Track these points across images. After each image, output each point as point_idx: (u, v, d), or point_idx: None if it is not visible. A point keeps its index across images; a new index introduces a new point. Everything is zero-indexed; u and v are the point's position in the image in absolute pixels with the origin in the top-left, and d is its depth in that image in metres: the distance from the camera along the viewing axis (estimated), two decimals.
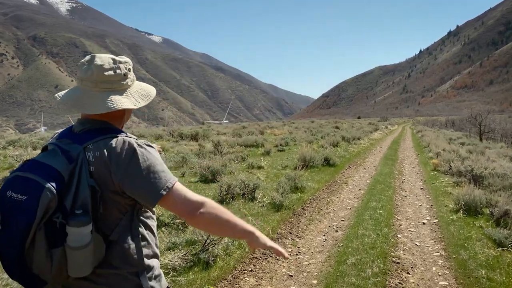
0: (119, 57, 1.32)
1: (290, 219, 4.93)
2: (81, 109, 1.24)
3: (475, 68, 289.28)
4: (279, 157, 10.86)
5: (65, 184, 1.13)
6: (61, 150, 1.18)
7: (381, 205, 5.95)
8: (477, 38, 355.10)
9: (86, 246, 1.11)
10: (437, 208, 6.05)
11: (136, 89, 1.35)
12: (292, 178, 6.48)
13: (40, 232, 1.08)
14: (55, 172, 1.12)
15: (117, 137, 1.22)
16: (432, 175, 9.40)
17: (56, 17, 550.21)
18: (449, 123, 56.49)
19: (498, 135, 31.75)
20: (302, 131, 22.93)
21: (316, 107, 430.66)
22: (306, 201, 5.90)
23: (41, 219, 1.07)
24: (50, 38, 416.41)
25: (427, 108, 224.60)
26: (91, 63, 1.26)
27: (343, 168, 9.70)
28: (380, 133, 27.01)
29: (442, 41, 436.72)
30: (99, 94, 1.24)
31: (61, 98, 1.29)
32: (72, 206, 1.12)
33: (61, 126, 71.46)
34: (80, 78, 1.27)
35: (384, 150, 15.70)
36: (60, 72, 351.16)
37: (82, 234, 1.11)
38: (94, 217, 1.15)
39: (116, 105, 1.23)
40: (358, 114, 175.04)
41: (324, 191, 6.92)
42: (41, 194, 1.07)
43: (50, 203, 1.08)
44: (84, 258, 1.13)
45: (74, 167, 1.16)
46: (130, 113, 1.41)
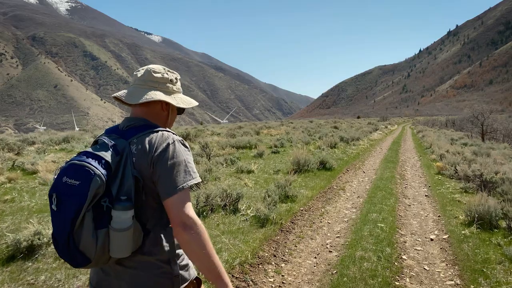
0: (171, 70, 1.53)
1: (276, 237, 4.20)
2: (127, 99, 1.42)
3: (475, 68, 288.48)
4: (273, 159, 10.14)
5: (112, 173, 1.27)
6: (110, 143, 1.32)
7: (382, 217, 5.23)
8: (477, 37, 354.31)
9: (127, 229, 1.23)
10: (445, 220, 5.33)
11: (180, 96, 1.53)
12: (282, 185, 5.75)
13: (88, 213, 1.22)
14: (104, 162, 1.26)
15: (157, 132, 1.36)
16: (437, 180, 8.69)
17: (56, 17, 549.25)
18: (449, 123, 55.83)
19: (500, 135, 31.02)
20: (300, 131, 22.19)
21: (315, 107, 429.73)
22: (297, 213, 5.18)
23: (90, 202, 1.22)
24: (49, 38, 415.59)
25: (427, 107, 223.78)
26: (145, 68, 1.50)
27: (341, 172, 8.98)
28: (379, 133, 26.29)
29: (441, 41, 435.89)
30: (145, 90, 1.44)
31: (119, 93, 1.46)
32: (117, 193, 1.25)
33: (60, 126, 70.86)
34: (134, 79, 1.49)
35: (384, 151, 14.99)
36: (59, 72, 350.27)
37: (125, 218, 1.23)
38: (135, 204, 1.27)
39: (151, 96, 1.40)
40: (358, 114, 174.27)
41: (319, 199, 6.19)
42: (92, 180, 1.21)
43: (99, 188, 1.22)
44: (124, 241, 1.24)
45: (120, 159, 1.30)
46: (175, 114, 1.55)
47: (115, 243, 1.24)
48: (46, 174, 6.38)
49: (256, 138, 15.22)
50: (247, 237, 3.93)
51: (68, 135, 13.42)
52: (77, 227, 1.21)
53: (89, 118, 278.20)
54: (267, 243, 3.96)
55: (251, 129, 21.66)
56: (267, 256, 3.65)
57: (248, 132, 19.49)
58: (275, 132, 21.40)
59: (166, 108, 1.48)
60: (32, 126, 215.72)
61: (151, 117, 1.43)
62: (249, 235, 4.00)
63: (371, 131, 25.35)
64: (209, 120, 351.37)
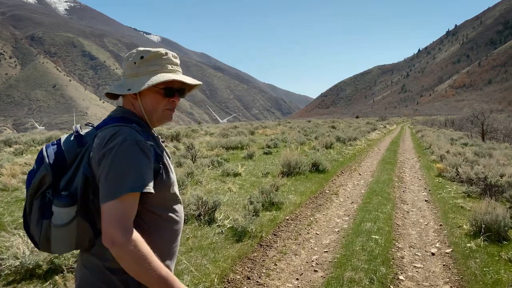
0: (146, 49, 1.32)
1: (253, 253, 3.63)
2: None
3: (474, 68, 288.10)
4: (263, 161, 9.57)
5: (68, 165, 1.20)
6: (76, 133, 1.24)
7: (378, 227, 4.66)
8: (476, 37, 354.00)
9: (64, 226, 1.16)
10: (448, 230, 4.78)
11: (151, 77, 1.26)
12: (267, 191, 5.19)
13: (36, 201, 1.19)
14: (60, 151, 1.20)
15: (116, 127, 1.20)
16: (437, 183, 8.14)
17: (54, 17, 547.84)
18: (449, 123, 55.37)
19: (500, 135, 30.48)
20: (296, 131, 21.63)
21: (314, 106, 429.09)
22: (281, 223, 4.61)
23: (36, 190, 1.19)
24: (48, 38, 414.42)
25: (426, 107, 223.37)
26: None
27: (335, 175, 8.42)
28: (378, 133, 25.74)
29: (440, 41, 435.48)
30: (122, 79, 1.34)
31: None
32: (64, 187, 1.18)
33: (59, 126, 70.69)
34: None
35: (382, 152, 14.44)
36: (58, 72, 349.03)
37: (62, 214, 1.15)
38: (84, 203, 1.18)
39: (109, 89, 1.31)
40: (357, 113, 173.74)
41: (308, 206, 5.63)
42: (40, 167, 1.18)
43: (44, 178, 1.17)
44: (60, 237, 1.18)
45: (81, 151, 1.21)
46: (152, 102, 1.30)
47: (53, 237, 1.19)
48: (9, 179, 5.80)
49: (249, 138, 14.65)
50: (218, 255, 3.36)
51: (52, 135, 12.84)
52: (28, 212, 1.23)
53: (88, 118, 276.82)
54: (241, 262, 3.38)
55: (245, 129, 21.10)
56: (239, 280, 3.06)
57: (242, 132, 18.92)
58: (270, 132, 20.84)
59: (135, 96, 1.30)
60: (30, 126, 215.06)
61: (131, 107, 1.32)
62: (221, 252, 3.43)
63: (369, 131, 24.81)
64: (208, 120, 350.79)
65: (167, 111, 1.34)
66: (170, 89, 1.31)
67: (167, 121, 1.38)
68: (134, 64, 1.30)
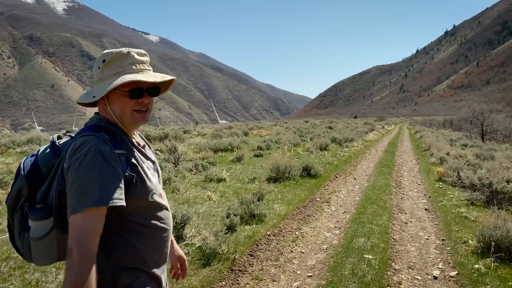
0: (105, 51, 1.27)
1: (221, 282, 3.01)
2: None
3: (472, 68, 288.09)
4: (252, 164, 8.99)
5: (43, 177, 1.18)
6: (52, 143, 1.23)
7: (371, 244, 4.08)
8: (474, 37, 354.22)
9: (40, 239, 1.15)
10: (452, 247, 4.20)
11: (114, 81, 1.19)
12: (248, 201, 4.60)
13: (17, 214, 1.19)
14: (36, 163, 1.19)
15: (82, 137, 1.15)
16: (437, 188, 7.57)
17: (53, 17, 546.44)
18: (447, 123, 54.95)
19: (500, 136, 29.96)
20: (292, 132, 21.05)
21: (313, 106, 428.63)
22: (261, 240, 4.01)
23: (15, 203, 1.19)
24: (46, 38, 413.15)
25: (424, 107, 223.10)
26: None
27: (328, 180, 7.83)
28: (376, 133, 25.19)
29: (439, 41, 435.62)
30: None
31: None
32: (40, 199, 1.15)
33: (57, 126, 70.33)
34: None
35: (379, 153, 13.87)
36: (56, 72, 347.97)
37: (38, 227, 1.14)
38: (60, 215, 1.15)
39: (78, 98, 1.27)
40: (355, 113, 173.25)
41: (295, 217, 5.04)
42: (17, 180, 1.18)
43: (21, 190, 1.17)
44: (40, 250, 1.17)
45: (56, 162, 1.18)
46: (119, 106, 1.23)
47: (32, 250, 1.18)
48: None
49: (241, 140, 14.07)
50: (176, 286, 2.77)
51: (33, 136, 12.23)
52: (11, 224, 1.22)
53: (86, 118, 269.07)
54: None
55: (239, 130, 20.50)
56: None
57: (235, 133, 18.33)
58: (265, 133, 20.27)
59: (103, 103, 1.25)
60: (29, 126, 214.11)
61: (104, 114, 1.26)
62: (179, 282, 2.85)
63: (367, 132, 24.25)
64: (207, 120, 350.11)
65: (137, 113, 1.24)
66: (137, 90, 1.22)
67: (141, 122, 1.27)
68: (98, 69, 1.26)
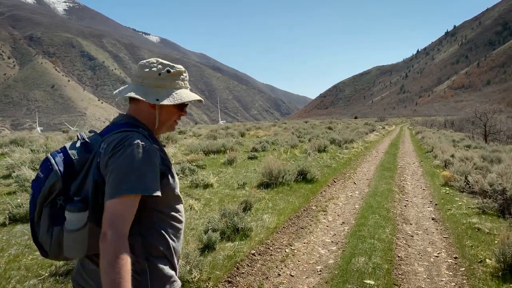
0: (167, 62, 1.37)
1: None
2: (114, 94, 1.35)
3: (473, 68, 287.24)
4: (245, 167, 8.40)
5: (76, 171, 1.24)
6: (82, 140, 1.27)
7: (373, 265, 3.49)
8: (475, 38, 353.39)
9: (77, 231, 1.18)
10: (466, 267, 3.61)
11: (172, 92, 1.33)
12: (231, 213, 4.01)
13: (46, 209, 1.22)
14: (68, 158, 1.24)
15: (124, 132, 1.23)
16: (444, 194, 6.98)
17: (53, 17, 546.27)
18: (448, 123, 54.39)
19: (503, 137, 29.35)
20: (290, 132, 20.47)
21: (313, 107, 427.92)
22: (244, 260, 3.42)
23: (46, 198, 1.22)
24: (46, 38, 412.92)
25: (425, 108, 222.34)
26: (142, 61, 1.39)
27: (325, 185, 7.24)
28: (376, 134, 24.59)
29: (439, 41, 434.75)
30: (131, 85, 1.34)
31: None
32: (75, 193, 1.22)
33: (58, 127, 69.75)
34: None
35: (380, 155, 13.29)
36: (56, 72, 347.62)
37: (76, 219, 1.17)
38: (95, 208, 1.20)
39: (125, 93, 1.30)
40: (356, 114, 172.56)
41: (286, 230, 4.45)
42: (49, 175, 1.22)
43: (55, 184, 1.21)
44: (74, 242, 1.19)
45: (89, 157, 1.24)
46: (169, 113, 1.36)
47: (66, 243, 1.20)
48: None
49: (236, 141, 13.48)
50: None
51: (17, 137, 11.64)
52: (36, 220, 1.25)
53: (86, 119, 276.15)
54: None
55: (235, 130, 19.92)
56: None
57: (232, 134, 17.75)
58: (262, 133, 19.68)
59: (153, 106, 1.32)
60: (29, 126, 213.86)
61: (139, 115, 1.33)
62: None
63: (368, 132, 23.66)
64: (207, 121, 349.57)
65: (175, 122, 1.40)
66: (185, 104, 1.38)
67: (173, 130, 1.42)
68: (159, 76, 1.32)
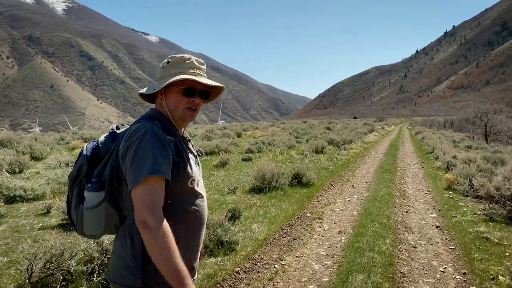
0: (174, 55, 1.47)
1: None
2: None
3: (472, 68, 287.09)
4: (238, 170, 8.00)
5: (101, 157, 1.36)
6: (111, 129, 1.41)
7: (373, 284, 3.08)
8: (474, 38, 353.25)
9: (92, 208, 1.31)
10: (477, 285, 3.21)
11: (170, 78, 1.38)
12: (214, 225, 3.61)
13: (76, 188, 1.37)
14: (96, 145, 1.38)
15: (140, 122, 1.33)
16: (448, 199, 6.60)
17: (52, 17, 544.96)
18: (448, 124, 54.08)
19: (504, 137, 28.97)
20: (288, 132, 20.06)
21: (312, 107, 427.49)
22: (226, 280, 2.99)
23: (75, 178, 1.37)
24: (45, 38, 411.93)
25: (424, 108, 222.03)
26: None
27: (322, 189, 6.84)
28: (375, 134, 24.21)
29: (438, 41, 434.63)
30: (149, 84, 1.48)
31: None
32: (97, 175, 1.33)
33: (57, 127, 69.57)
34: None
35: (380, 156, 12.90)
36: (55, 72, 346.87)
37: (91, 197, 1.31)
38: (110, 190, 1.32)
39: (142, 90, 1.44)
40: (355, 114, 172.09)
41: (277, 242, 4.04)
42: (79, 158, 1.37)
43: (81, 167, 1.35)
44: (89, 219, 1.32)
45: (113, 146, 1.36)
46: (176, 98, 1.40)
47: (84, 220, 1.33)
48: None
49: (231, 142, 13.08)
50: None
51: (3, 138, 11.23)
52: (69, 198, 1.40)
53: (86, 118, 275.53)
54: None
55: (232, 131, 19.50)
56: None
57: (228, 134, 17.34)
58: (259, 134, 19.27)
59: (161, 96, 1.42)
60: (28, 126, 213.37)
61: (158, 108, 1.44)
62: None
63: (367, 132, 23.27)
64: (206, 121, 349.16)
65: (187, 110, 1.40)
66: (190, 89, 1.40)
67: (189, 119, 1.43)
68: (162, 69, 1.44)
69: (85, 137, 14.92)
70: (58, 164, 7.27)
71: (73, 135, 15.96)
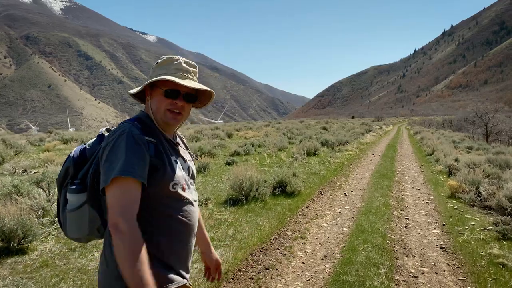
0: (167, 56, 1.43)
1: None
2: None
3: (470, 68, 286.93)
4: (218, 176, 7.20)
5: (87, 160, 1.33)
6: (101, 132, 1.36)
7: None
8: (472, 38, 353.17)
9: (74, 210, 1.28)
10: None
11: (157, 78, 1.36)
12: None
13: (63, 190, 1.33)
14: (83, 147, 1.36)
15: (122, 123, 1.29)
16: (452, 210, 5.80)
17: (50, 16, 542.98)
18: (447, 123, 53.43)
19: (505, 137, 28.23)
20: (282, 133, 19.26)
21: (311, 107, 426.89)
22: None
23: (62, 181, 1.34)
24: (43, 38, 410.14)
25: (422, 107, 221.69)
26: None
27: (309, 198, 6.03)
28: (373, 134, 23.43)
29: (436, 41, 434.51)
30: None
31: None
32: (81, 177, 1.30)
33: (54, 127, 67.93)
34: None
35: (377, 158, 12.11)
36: (53, 72, 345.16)
37: (73, 199, 1.28)
38: (92, 192, 1.27)
39: (129, 91, 1.42)
40: (353, 114, 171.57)
41: (243, 276, 3.19)
42: (66, 161, 1.35)
43: (68, 169, 1.32)
44: (71, 222, 1.30)
45: (99, 147, 1.31)
46: (156, 103, 1.35)
47: (67, 222, 1.30)
48: None
49: (219, 143, 12.27)
50: None
51: None
52: (58, 201, 1.37)
53: (83, 118, 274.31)
54: None
55: (222, 131, 18.68)
56: None
57: (218, 135, 16.53)
58: (252, 134, 18.47)
59: (148, 96, 1.39)
60: (25, 126, 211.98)
61: (146, 109, 1.41)
62: None
63: (364, 133, 22.49)
64: (204, 121, 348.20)
65: (169, 113, 1.34)
66: (173, 91, 1.33)
67: (171, 122, 1.35)
68: (152, 69, 1.41)
69: (65, 138, 14.09)
70: (13, 170, 6.45)
71: (54, 136, 15.13)
